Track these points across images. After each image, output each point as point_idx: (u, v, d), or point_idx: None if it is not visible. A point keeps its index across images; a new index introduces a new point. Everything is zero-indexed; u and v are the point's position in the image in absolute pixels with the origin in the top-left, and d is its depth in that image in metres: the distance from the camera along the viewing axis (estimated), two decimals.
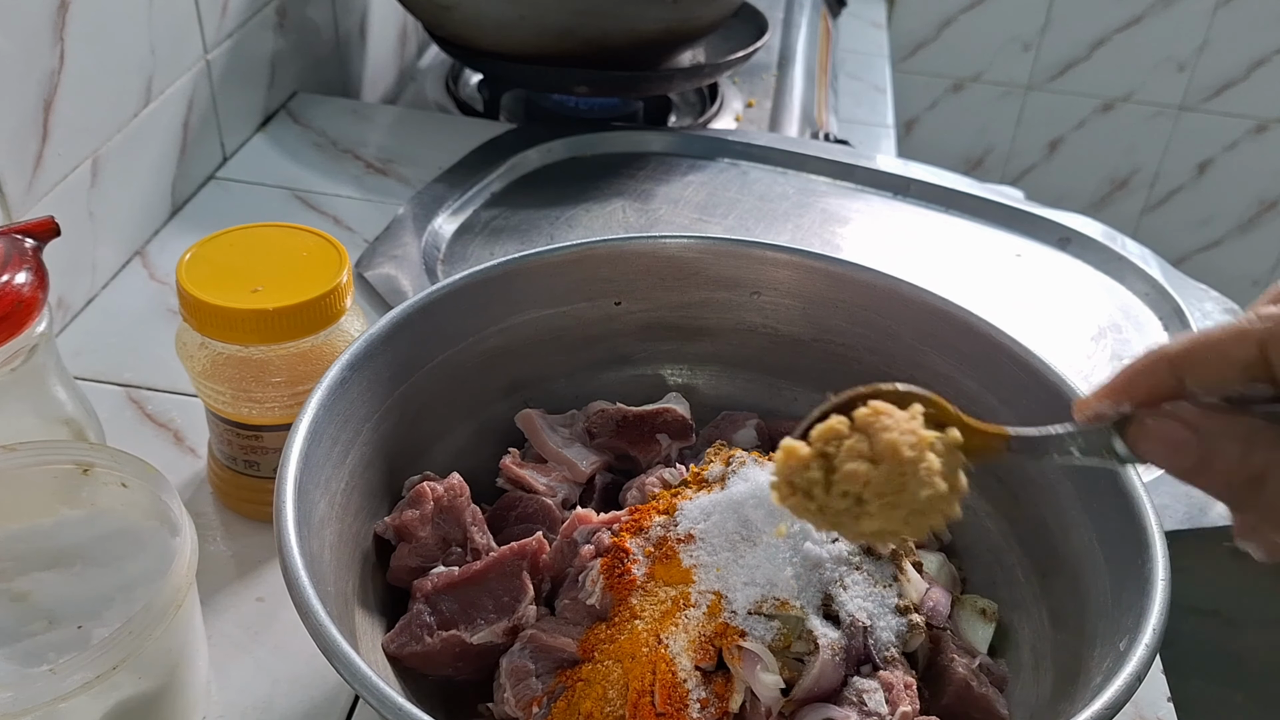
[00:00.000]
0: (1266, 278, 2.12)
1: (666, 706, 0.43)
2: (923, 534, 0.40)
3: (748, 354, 0.62)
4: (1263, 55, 1.90)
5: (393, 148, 0.99)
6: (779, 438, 0.59)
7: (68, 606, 0.49)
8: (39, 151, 0.69)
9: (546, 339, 0.59)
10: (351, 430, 0.49)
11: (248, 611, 0.57)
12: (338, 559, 0.47)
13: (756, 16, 1.13)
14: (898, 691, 0.45)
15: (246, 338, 0.54)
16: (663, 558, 0.48)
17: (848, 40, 1.63)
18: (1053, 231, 0.92)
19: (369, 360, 0.51)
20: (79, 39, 0.71)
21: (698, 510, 0.49)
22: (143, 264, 0.82)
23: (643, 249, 0.60)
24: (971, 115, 2.05)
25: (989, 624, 0.51)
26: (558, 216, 0.88)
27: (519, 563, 0.49)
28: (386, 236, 0.84)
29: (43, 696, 0.40)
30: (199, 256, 0.57)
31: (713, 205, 0.92)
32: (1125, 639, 0.42)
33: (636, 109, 1.12)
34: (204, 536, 0.60)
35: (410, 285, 0.78)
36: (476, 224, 0.87)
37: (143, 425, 0.68)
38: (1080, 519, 0.49)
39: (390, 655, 0.47)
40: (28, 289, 0.50)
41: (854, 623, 0.46)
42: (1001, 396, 0.54)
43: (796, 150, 0.99)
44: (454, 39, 0.99)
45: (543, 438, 0.57)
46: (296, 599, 0.40)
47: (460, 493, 0.52)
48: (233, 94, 0.93)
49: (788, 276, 0.59)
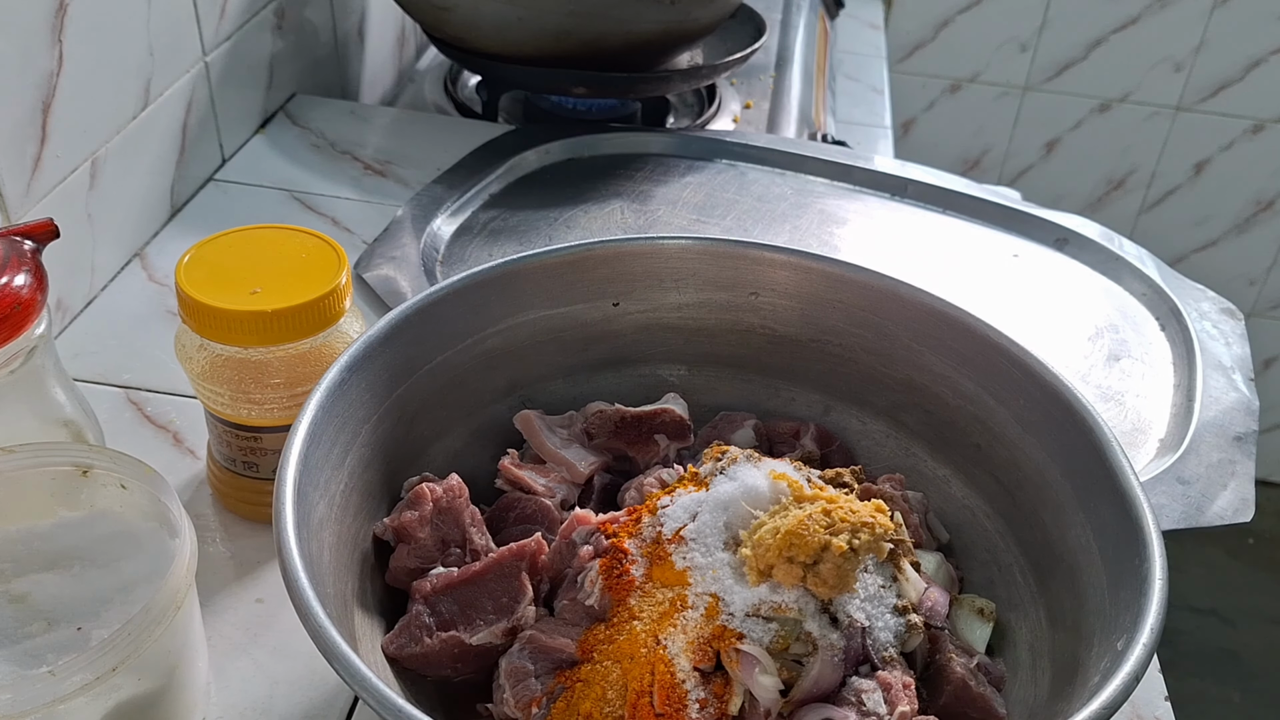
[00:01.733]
0: (1263, 277, 2.12)
1: (665, 707, 0.43)
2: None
3: (746, 354, 0.62)
4: (1259, 55, 1.91)
5: (391, 149, 0.99)
6: (777, 438, 0.60)
7: (67, 608, 0.49)
8: (37, 154, 0.69)
9: (545, 340, 0.59)
10: (350, 432, 0.49)
11: (247, 613, 0.57)
12: (337, 560, 0.47)
13: (754, 18, 1.13)
14: (896, 691, 0.45)
15: (245, 339, 0.54)
16: (656, 559, 0.48)
17: (845, 41, 1.63)
18: (1050, 232, 0.92)
19: (368, 362, 0.51)
20: (77, 41, 0.71)
21: (681, 510, 0.49)
22: (141, 266, 0.82)
23: (641, 250, 0.60)
24: (968, 116, 2.05)
25: (987, 623, 0.51)
26: (556, 218, 0.88)
27: (518, 564, 0.49)
28: (385, 238, 0.84)
29: (42, 698, 0.40)
30: (198, 258, 0.57)
31: (711, 206, 0.92)
32: (1123, 638, 0.42)
33: (634, 110, 1.12)
34: (203, 538, 0.60)
35: (409, 287, 0.78)
36: (475, 225, 0.87)
37: (142, 427, 0.68)
38: (1077, 518, 0.49)
39: (389, 656, 0.47)
40: (26, 291, 0.50)
41: (852, 623, 0.46)
42: (999, 396, 0.54)
43: (794, 151, 0.99)
44: (452, 40, 1.00)
45: (541, 439, 0.57)
46: (296, 601, 0.40)
47: (459, 494, 0.52)
48: (231, 96, 0.93)
49: (786, 277, 0.60)
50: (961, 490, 0.57)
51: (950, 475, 0.57)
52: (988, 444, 0.55)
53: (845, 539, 0.46)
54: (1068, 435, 0.51)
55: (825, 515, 0.46)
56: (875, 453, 0.60)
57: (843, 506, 0.47)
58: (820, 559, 0.45)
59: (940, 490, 0.57)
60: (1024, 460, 0.53)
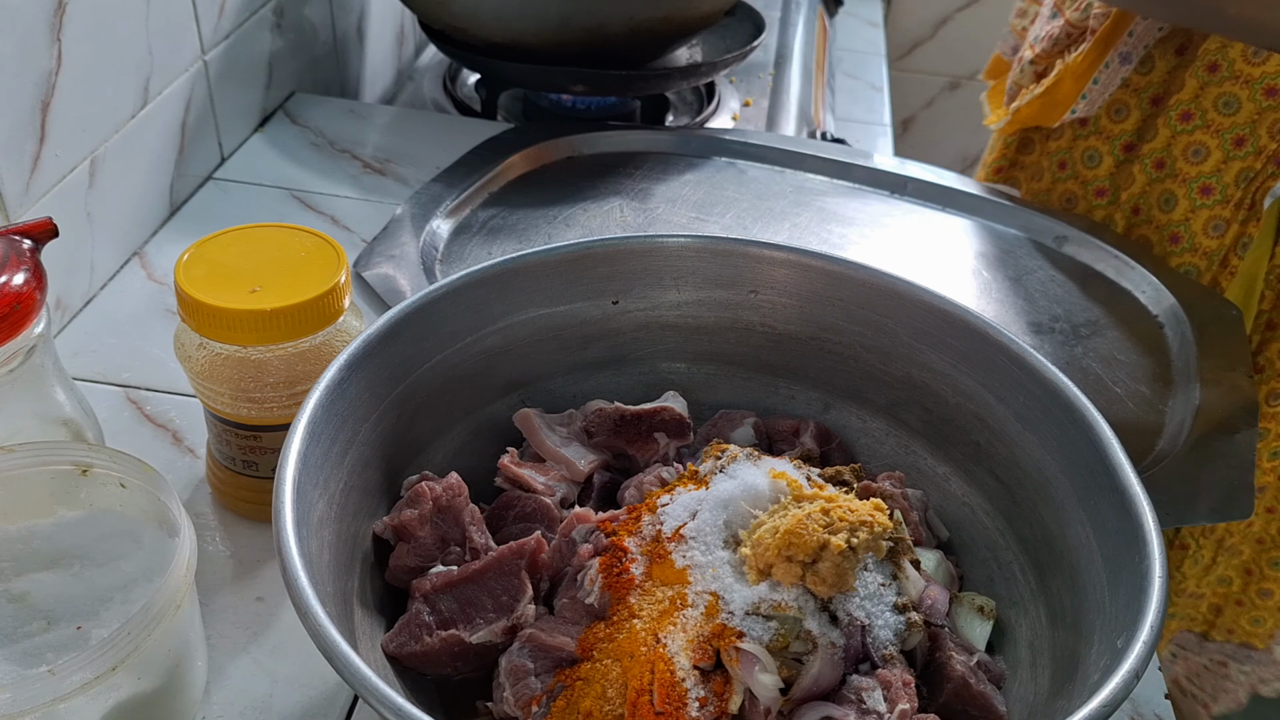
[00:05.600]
0: None
1: (665, 705, 0.43)
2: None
3: (745, 352, 0.62)
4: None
5: (390, 147, 0.99)
6: (777, 436, 0.60)
7: (66, 607, 0.49)
8: (36, 152, 0.69)
9: (544, 338, 0.59)
10: (350, 430, 0.49)
11: (247, 612, 0.57)
12: (336, 559, 0.47)
13: (753, 15, 1.13)
14: (896, 689, 0.45)
15: (245, 338, 0.54)
16: (656, 557, 0.48)
17: (844, 39, 1.63)
18: (1048, 230, 0.92)
19: (367, 360, 0.51)
20: (76, 40, 0.71)
21: (681, 508, 0.49)
22: (141, 264, 0.82)
23: (640, 248, 0.60)
24: (968, 113, 2.05)
25: (987, 621, 0.51)
26: (555, 216, 0.88)
27: (517, 562, 0.49)
28: (384, 236, 0.84)
29: (42, 697, 0.40)
30: (197, 257, 0.57)
31: (710, 204, 0.92)
32: (1123, 636, 0.42)
33: (634, 108, 1.12)
34: (203, 537, 0.60)
35: (408, 285, 0.78)
36: (474, 224, 0.87)
37: (141, 426, 0.68)
38: (1077, 515, 0.49)
39: (389, 655, 0.47)
40: (26, 290, 0.50)
41: (852, 621, 0.46)
42: (998, 394, 0.54)
43: (793, 149, 0.99)
44: (451, 31, 0.99)
45: (540, 437, 0.57)
46: (296, 600, 0.40)
47: (459, 492, 0.52)
48: (230, 94, 0.93)
49: (785, 275, 0.60)
50: (961, 488, 0.57)
51: (950, 473, 0.57)
52: (987, 441, 0.55)
53: (844, 538, 0.46)
54: (1067, 433, 0.51)
55: (824, 514, 0.46)
56: (875, 450, 0.60)
57: (841, 505, 0.47)
58: (819, 558, 0.45)
59: (940, 488, 0.57)
60: (1023, 458, 0.53)
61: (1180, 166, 0.92)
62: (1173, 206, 0.93)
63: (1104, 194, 0.98)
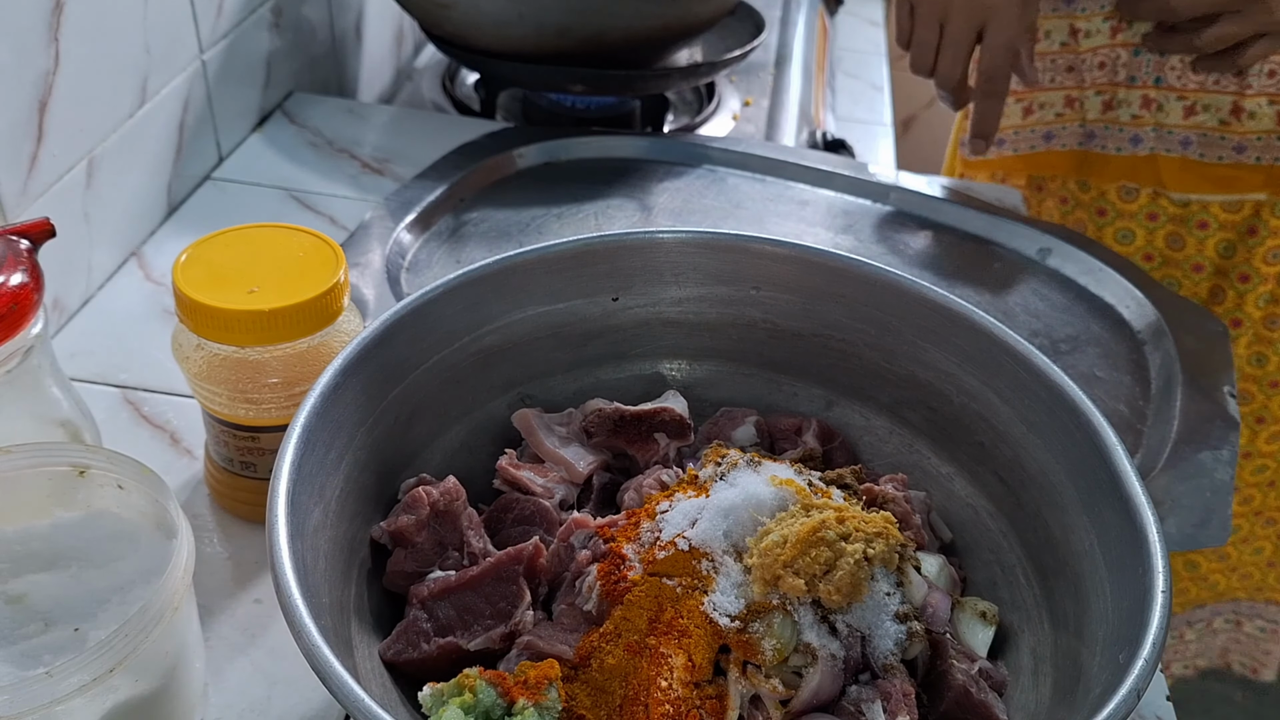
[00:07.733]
0: None
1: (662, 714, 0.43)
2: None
3: (747, 349, 0.61)
4: None
5: (389, 147, 0.99)
6: (779, 434, 0.59)
7: (64, 609, 0.48)
8: (34, 152, 0.69)
9: (543, 336, 0.59)
10: (346, 435, 0.49)
11: (245, 613, 0.57)
12: (333, 566, 0.46)
13: (753, 15, 1.13)
14: (896, 701, 0.44)
15: (243, 339, 0.54)
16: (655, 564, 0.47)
17: (845, 38, 1.63)
18: (1033, 241, 0.90)
19: (362, 364, 0.50)
20: (74, 40, 0.71)
21: (680, 515, 0.49)
22: (138, 265, 0.82)
23: (640, 244, 0.59)
24: None
25: (989, 626, 0.51)
26: (527, 223, 0.87)
27: (515, 568, 0.48)
28: (350, 244, 0.82)
29: (39, 699, 0.40)
30: (195, 257, 0.56)
31: (687, 211, 0.91)
32: (1125, 651, 0.41)
33: (633, 108, 1.12)
34: (201, 538, 0.60)
35: (373, 294, 0.76)
36: (444, 231, 0.86)
37: (139, 427, 0.68)
38: (1081, 521, 0.49)
39: (387, 662, 0.47)
40: (23, 290, 0.50)
41: (852, 632, 0.46)
42: (1003, 395, 0.54)
43: (776, 157, 0.98)
44: (452, 38, 0.99)
45: (539, 438, 0.56)
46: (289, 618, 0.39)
47: (456, 496, 0.51)
48: (228, 94, 0.93)
49: (788, 271, 0.59)
50: (965, 488, 0.56)
51: (954, 473, 0.57)
52: (992, 442, 0.55)
53: (859, 547, 0.46)
54: (1072, 437, 0.50)
55: (839, 524, 0.46)
56: (878, 449, 0.60)
57: (855, 516, 0.47)
58: (834, 567, 0.45)
59: (943, 488, 0.57)
60: (1028, 460, 0.53)
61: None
62: None
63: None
